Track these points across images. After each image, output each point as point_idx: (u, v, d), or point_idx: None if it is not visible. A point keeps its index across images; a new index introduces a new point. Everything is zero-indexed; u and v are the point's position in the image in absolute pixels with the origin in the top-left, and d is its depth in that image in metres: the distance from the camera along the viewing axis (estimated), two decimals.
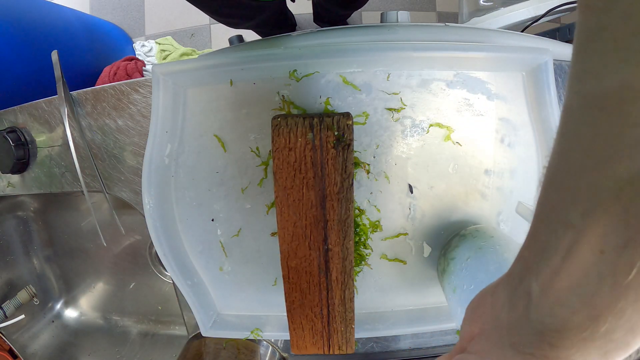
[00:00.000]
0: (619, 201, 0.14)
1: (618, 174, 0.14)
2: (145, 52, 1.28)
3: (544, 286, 0.17)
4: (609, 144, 0.14)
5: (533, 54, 0.39)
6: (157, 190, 0.41)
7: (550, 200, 0.18)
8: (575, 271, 0.16)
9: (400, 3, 1.37)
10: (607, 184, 0.15)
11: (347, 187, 0.33)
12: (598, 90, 0.15)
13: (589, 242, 0.15)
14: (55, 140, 0.50)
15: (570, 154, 0.17)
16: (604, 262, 0.15)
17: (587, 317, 0.16)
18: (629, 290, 0.14)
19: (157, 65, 0.39)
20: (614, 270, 0.15)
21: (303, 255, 0.35)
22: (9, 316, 0.60)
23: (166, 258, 0.42)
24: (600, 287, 0.15)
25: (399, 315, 0.45)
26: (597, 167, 0.15)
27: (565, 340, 0.16)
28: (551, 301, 0.17)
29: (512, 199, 0.43)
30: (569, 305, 0.16)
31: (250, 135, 0.41)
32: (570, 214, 0.16)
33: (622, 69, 0.14)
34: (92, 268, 0.70)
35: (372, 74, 0.39)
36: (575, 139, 0.16)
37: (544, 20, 0.64)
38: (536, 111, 0.41)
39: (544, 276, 0.17)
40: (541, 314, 0.17)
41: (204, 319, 0.44)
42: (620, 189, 0.14)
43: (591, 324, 0.16)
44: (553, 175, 0.18)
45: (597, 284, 0.15)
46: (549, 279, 0.17)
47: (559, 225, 0.17)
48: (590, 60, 0.15)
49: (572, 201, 0.16)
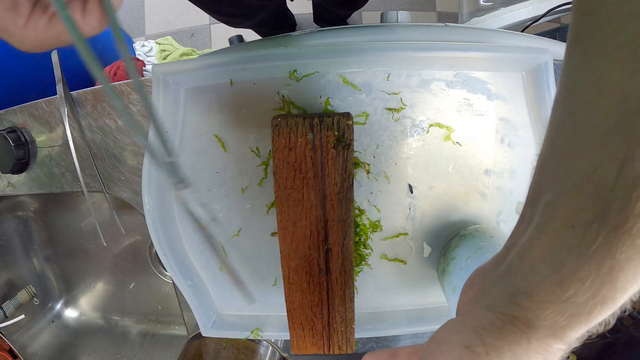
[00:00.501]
0: (590, 183, 0.16)
1: (591, 159, 0.16)
2: (145, 52, 1.28)
3: (521, 254, 0.20)
4: (586, 133, 0.16)
5: (533, 54, 0.39)
6: (157, 190, 0.41)
7: (536, 183, 0.20)
8: (547, 243, 0.18)
9: (400, 3, 1.37)
10: (582, 167, 0.16)
11: (347, 187, 0.33)
12: (580, 84, 0.17)
13: (562, 217, 0.17)
14: (55, 140, 0.50)
15: (554, 141, 0.19)
16: (573, 236, 0.17)
17: (554, 283, 0.17)
18: (592, 259, 0.16)
19: (157, 65, 0.39)
20: (581, 242, 0.16)
21: (303, 255, 0.35)
22: (9, 316, 0.60)
23: (166, 258, 0.42)
24: (567, 257, 0.17)
25: (399, 315, 0.45)
26: (574, 153, 0.17)
27: (533, 302, 0.18)
28: (525, 268, 0.19)
29: (512, 199, 0.43)
30: (539, 272, 0.18)
31: (250, 135, 0.41)
32: (550, 193, 0.18)
33: (601, 65, 0.15)
34: (92, 268, 0.70)
35: (372, 74, 0.39)
36: (559, 128, 0.18)
37: (544, 20, 0.64)
38: (536, 111, 0.41)
39: (522, 246, 0.20)
40: (515, 279, 0.19)
41: (204, 319, 0.44)
42: (593, 172, 0.16)
43: (557, 289, 0.17)
44: (541, 161, 0.20)
45: (566, 255, 0.17)
46: (525, 249, 0.19)
47: (541, 203, 0.19)
48: (576, 56, 0.17)
49: (553, 182, 0.18)
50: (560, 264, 0.17)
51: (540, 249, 0.18)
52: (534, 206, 0.19)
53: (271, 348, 0.51)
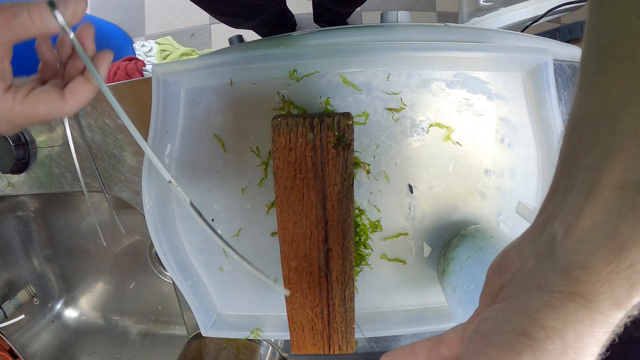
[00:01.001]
0: (635, 140, 0.15)
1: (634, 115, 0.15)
2: (145, 52, 1.28)
3: (568, 227, 0.18)
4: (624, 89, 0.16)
5: (533, 54, 0.39)
6: (157, 190, 0.41)
7: (571, 149, 0.19)
8: (597, 209, 0.17)
9: (400, 3, 1.37)
10: (624, 126, 0.16)
11: (348, 187, 0.33)
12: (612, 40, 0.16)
13: (609, 181, 0.16)
14: (55, 140, 0.50)
15: (588, 103, 0.18)
16: (624, 198, 0.16)
17: (611, 251, 0.16)
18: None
19: (157, 65, 0.39)
20: (634, 204, 0.16)
21: (303, 255, 0.35)
22: (9, 316, 0.60)
23: (166, 258, 0.42)
24: (622, 222, 0.16)
25: (399, 315, 0.45)
26: (614, 111, 0.16)
27: (591, 275, 0.17)
28: (575, 240, 0.18)
29: (512, 199, 0.43)
30: (592, 242, 0.17)
31: (250, 135, 0.41)
32: (590, 157, 0.17)
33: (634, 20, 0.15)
34: (92, 268, 0.70)
35: (372, 74, 0.39)
36: (593, 88, 0.17)
37: (544, 20, 0.64)
38: (536, 111, 0.41)
39: (567, 218, 0.18)
40: (566, 253, 0.18)
41: (204, 319, 0.44)
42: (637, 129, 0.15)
43: (615, 257, 0.16)
44: (573, 125, 0.19)
45: (619, 219, 0.16)
46: (572, 220, 0.18)
47: (580, 170, 0.18)
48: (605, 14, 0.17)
49: (591, 145, 0.17)
50: (615, 230, 0.16)
51: (588, 217, 0.17)
52: (572, 174, 0.18)
53: (271, 348, 0.51)
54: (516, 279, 0.21)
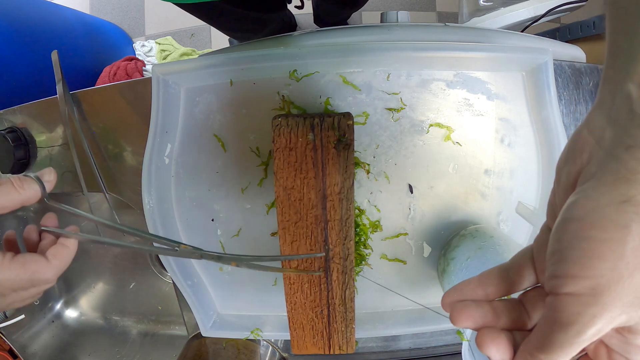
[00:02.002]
0: None
1: None
2: (145, 52, 1.28)
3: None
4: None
5: (533, 54, 0.39)
6: (157, 190, 0.41)
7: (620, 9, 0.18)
8: None
9: (400, 3, 1.37)
10: None
11: (348, 187, 0.33)
12: None
13: None
14: (55, 140, 0.50)
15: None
16: None
17: None
18: None
19: (157, 65, 0.39)
20: None
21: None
22: (9, 316, 0.60)
23: (166, 258, 0.42)
24: None
25: (399, 315, 0.45)
26: None
27: None
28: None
29: (512, 199, 0.43)
30: None
31: (250, 135, 0.41)
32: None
33: None
34: (92, 268, 0.70)
35: (372, 74, 0.39)
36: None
37: (544, 20, 0.64)
38: (536, 111, 0.41)
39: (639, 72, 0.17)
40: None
41: (204, 319, 0.44)
42: None
43: None
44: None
45: None
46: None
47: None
48: None
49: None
50: None
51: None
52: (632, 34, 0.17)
53: (271, 348, 0.51)
54: (596, 154, 0.19)
